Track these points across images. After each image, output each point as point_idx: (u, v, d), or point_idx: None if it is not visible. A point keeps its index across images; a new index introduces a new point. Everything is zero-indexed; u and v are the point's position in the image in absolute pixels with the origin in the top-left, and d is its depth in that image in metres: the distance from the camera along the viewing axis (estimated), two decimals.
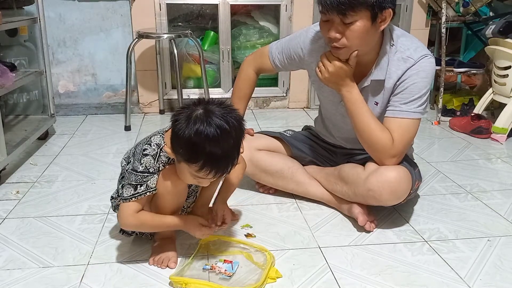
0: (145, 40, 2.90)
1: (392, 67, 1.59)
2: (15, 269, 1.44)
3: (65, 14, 3.02)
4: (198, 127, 1.25)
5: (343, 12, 1.44)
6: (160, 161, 1.38)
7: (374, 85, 1.64)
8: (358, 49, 1.53)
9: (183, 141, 1.27)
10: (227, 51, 3.20)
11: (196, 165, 1.28)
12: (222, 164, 1.30)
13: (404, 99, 1.58)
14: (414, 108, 1.58)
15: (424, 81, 1.58)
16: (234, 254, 1.51)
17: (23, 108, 2.91)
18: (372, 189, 1.58)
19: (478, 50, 3.38)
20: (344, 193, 1.73)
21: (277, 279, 1.39)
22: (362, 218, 1.65)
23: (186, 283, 1.33)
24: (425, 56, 1.58)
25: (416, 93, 1.57)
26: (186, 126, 1.27)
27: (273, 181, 1.90)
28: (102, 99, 3.23)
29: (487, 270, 1.45)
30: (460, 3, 3.09)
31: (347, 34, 1.49)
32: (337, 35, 1.49)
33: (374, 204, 1.64)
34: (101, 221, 1.73)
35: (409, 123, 1.59)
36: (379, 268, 1.45)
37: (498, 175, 2.20)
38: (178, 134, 1.28)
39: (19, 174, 2.18)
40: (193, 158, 1.28)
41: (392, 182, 1.57)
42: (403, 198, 1.62)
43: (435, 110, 3.24)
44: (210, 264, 1.44)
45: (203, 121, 1.25)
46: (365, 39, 1.51)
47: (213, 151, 1.26)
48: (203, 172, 1.30)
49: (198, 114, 1.27)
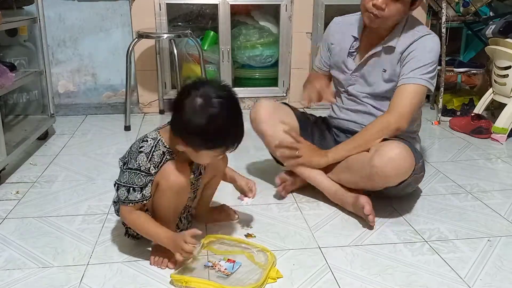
0: (145, 40, 2.90)
1: (403, 38, 1.79)
2: (15, 269, 1.44)
3: (65, 14, 3.02)
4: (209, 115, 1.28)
5: None
6: (152, 162, 1.37)
7: (385, 51, 1.82)
8: (388, 24, 1.76)
9: (200, 133, 1.30)
10: (227, 51, 3.20)
11: (221, 148, 1.36)
12: (239, 134, 1.37)
13: (411, 67, 1.75)
14: (420, 75, 1.73)
15: (429, 53, 1.76)
16: (235, 253, 1.51)
17: (23, 108, 2.91)
18: (376, 165, 1.62)
19: (478, 50, 3.38)
20: (349, 180, 1.76)
21: (277, 279, 1.38)
22: (368, 208, 1.66)
23: (186, 281, 1.33)
24: (430, 34, 1.80)
25: (422, 62, 1.74)
26: (195, 117, 1.29)
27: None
28: (102, 99, 3.23)
29: (487, 270, 1.45)
30: (460, 3, 3.08)
31: (391, 8, 1.70)
32: (383, 4, 1.69)
33: (380, 183, 1.66)
34: (101, 221, 1.73)
35: (414, 88, 1.74)
36: (379, 268, 1.45)
37: (498, 175, 2.20)
38: (193, 127, 1.30)
39: (19, 174, 2.18)
40: (214, 145, 1.34)
41: (395, 158, 1.62)
42: (408, 174, 1.65)
43: (435, 110, 3.24)
44: (213, 262, 1.44)
45: (209, 107, 1.29)
46: (400, 17, 1.76)
47: (231, 131, 1.33)
48: (229, 150, 1.38)
49: (200, 103, 1.29)
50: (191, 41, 3.09)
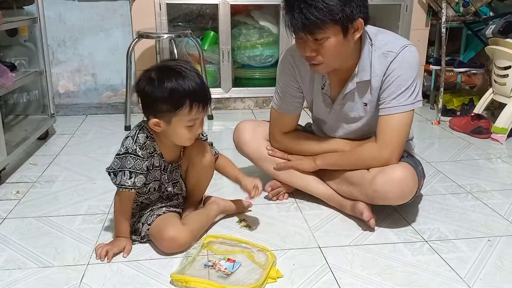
0: (145, 40, 2.90)
1: (376, 65, 1.59)
2: (15, 269, 1.44)
3: (65, 14, 3.02)
4: (165, 79, 1.40)
5: (311, 31, 1.45)
6: (137, 143, 1.46)
7: (361, 87, 1.64)
8: (336, 63, 1.55)
9: (162, 98, 1.40)
10: (227, 51, 3.20)
11: (185, 107, 1.41)
12: (203, 92, 1.44)
13: (393, 94, 1.58)
14: (404, 101, 1.57)
15: (408, 71, 1.57)
16: (235, 253, 1.51)
17: (23, 108, 2.91)
18: (378, 190, 1.58)
19: (478, 50, 3.38)
20: (349, 193, 1.72)
21: (278, 279, 1.38)
22: (367, 213, 1.64)
23: (186, 281, 1.33)
24: (405, 47, 1.57)
25: (403, 85, 1.57)
26: (153, 86, 1.40)
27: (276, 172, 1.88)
28: (102, 99, 3.23)
29: (487, 270, 1.45)
30: (460, 3, 3.08)
31: (321, 51, 1.49)
32: (312, 53, 1.50)
33: (380, 203, 1.64)
34: (101, 221, 1.73)
35: (400, 118, 1.59)
36: (379, 268, 1.45)
37: (498, 175, 2.20)
38: (154, 97, 1.41)
39: (19, 174, 2.18)
40: (179, 104, 1.41)
41: (398, 182, 1.57)
42: (410, 197, 1.62)
43: (435, 110, 3.24)
44: (213, 261, 1.44)
45: (164, 73, 1.41)
46: (340, 53, 1.52)
47: (189, 85, 1.40)
48: (195, 111, 1.43)
49: (154, 74, 1.42)
50: (191, 41, 3.09)
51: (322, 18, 1.41)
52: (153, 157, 1.53)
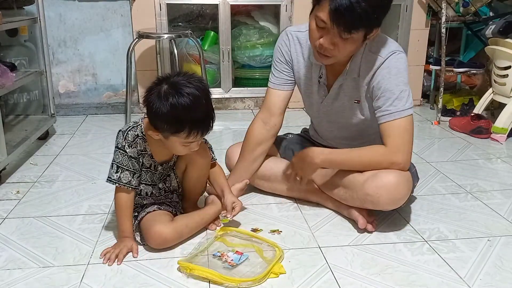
0: (145, 40, 2.90)
1: (363, 64, 1.61)
2: (15, 269, 1.44)
3: (65, 14, 3.03)
4: (172, 101, 1.37)
5: (349, 30, 1.43)
6: (126, 140, 1.48)
7: (351, 83, 1.66)
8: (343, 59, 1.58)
9: (164, 118, 1.39)
10: (227, 51, 3.20)
11: (184, 133, 1.41)
12: (205, 122, 1.44)
13: (388, 100, 1.57)
14: (402, 106, 1.56)
15: (398, 77, 1.57)
16: (245, 246, 1.54)
17: (23, 108, 2.91)
18: (369, 193, 1.57)
19: (478, 50, 3.38)
20: (342, 197, 1.72)
21: (279, 276, 1.39)
22: (362, 221, 1.64)
23: (191, 268, 1.37)
24: (393, 53, 1.57)
25: (396, 90, 1.56)
26: (161, 104, 1.38)
27: (270, 185, 1.90)
28: (102, 99, 3.23)
29: (487, 270, 1.45)
30: (460, 3, 3.08)
31: (340, 47, 1.48)
32: (331, 45, 1.48)
33: (372, 208, 1.63)
34: (101, 221, 1.74)
35: (403, 122, 1.57)
36: (379, 268, 1.45)
37: (498, 175, 2.20)
38: (158, 114, 1.39)
39: (19, 174, 2.18)
40: (179, 128, 1.40)
41: (390, 187, 1.55)
42: (402, 202, 1.60)
43: (435, 110, 3.24)
44: (222, 252, 1.48)
45: (174, 94, 1.38)
46: (352, 52, 1.56)
47: (193, 115, 1.39)
48: (192, 136, 1.43)
49: (166, 89, 1.39)
50: (191, 41, 3.09)
51: (363, 23, 1.42)
52: (143, 157, 1.54)
